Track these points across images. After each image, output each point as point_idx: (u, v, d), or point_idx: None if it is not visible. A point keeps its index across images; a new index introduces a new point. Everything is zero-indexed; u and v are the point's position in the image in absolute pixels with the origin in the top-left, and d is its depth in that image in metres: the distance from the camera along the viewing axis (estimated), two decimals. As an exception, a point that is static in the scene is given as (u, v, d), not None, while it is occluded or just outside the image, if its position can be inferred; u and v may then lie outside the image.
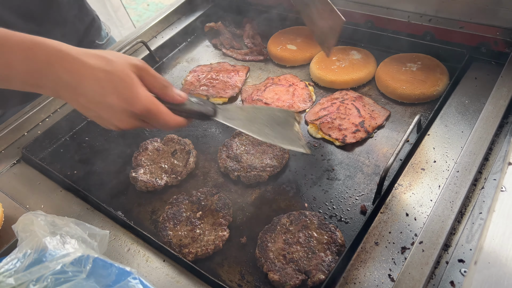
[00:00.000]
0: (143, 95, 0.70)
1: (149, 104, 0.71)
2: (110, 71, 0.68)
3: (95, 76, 0.68)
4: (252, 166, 1.02)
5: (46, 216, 0.70)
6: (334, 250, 0.81)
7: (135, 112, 0.70)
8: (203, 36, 1.57)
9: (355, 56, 1.28)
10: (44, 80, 0.68)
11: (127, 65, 0.71)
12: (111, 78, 0.68)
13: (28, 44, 0.66)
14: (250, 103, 1.21)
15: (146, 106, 0.70)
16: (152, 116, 0.72)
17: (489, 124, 0.93)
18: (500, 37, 1.13)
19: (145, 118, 0.73)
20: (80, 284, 0.60)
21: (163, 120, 0.74)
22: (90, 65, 0.68)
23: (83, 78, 0.67)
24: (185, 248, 0.86)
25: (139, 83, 0.71)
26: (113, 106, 0.69)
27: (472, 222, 0.79)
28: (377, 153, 1.03)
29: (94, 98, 0.69)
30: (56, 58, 0.67)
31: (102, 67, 0.68)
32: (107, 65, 0.69)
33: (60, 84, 0.68)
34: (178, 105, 0.78)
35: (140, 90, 0.71)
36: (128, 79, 0.70)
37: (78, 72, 0.67)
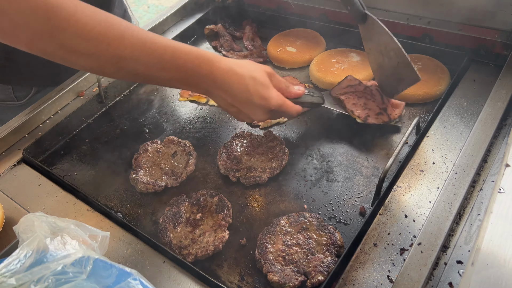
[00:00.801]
0: (275, 95, 0.92)
1: (281, 101, 0.93)
2: (253, 77, 0.88)
3: (244, 82, 0.88)
4: (251, 168, 1.02)
5: (47, 217, 0.70)
6: (333, 251, 0.82)
7: (270, 108, 0.92)
8: (203, 38, 1.58)
9: (354, 58, 1.28)
10: (202, 83, 0.89)
11: (263, 72, 0.91)
12: (255, 83, 0.89)
13: (195, 55, 0.86)
14: None
15: (278, 102, 0.92)
16: (282, 109, 0.94)
17: (487, 126, 0.94)
18: (499, 40, 1.14)
19: (276, 111, 0.94)
20: (81, 284, 0.60)
21: (289, 111, 0.96)
22: (239, 73, 0.88)
23: (234, 83, 0.88)
24: (185, 250, 0.86)
25: (271, 86, 0.92)
26: (255, 104, 0.90)
27: (471, 224, 0.80)
28: (376, 155, 1.03)
29: (242, 98, 0.89)
30: (216, 69, 0.87)
31: (248, 74, 0.88)
32: (251, 73, 0.89)
33: (214, 87, 0.89)
34: (296, 98, 0.99)
35: (274, 91, 0.92)
36: (266, 83, 0.90)
37: (230, 79, 0.88)
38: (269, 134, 1.10)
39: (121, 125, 1.25)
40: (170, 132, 1.20)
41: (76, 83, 1.29)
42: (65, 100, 1.26)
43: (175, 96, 1.33)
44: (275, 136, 1.09)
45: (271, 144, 1.08)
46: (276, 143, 1.08)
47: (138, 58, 0.80)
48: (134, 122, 1.25)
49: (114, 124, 1.26)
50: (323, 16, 1.44)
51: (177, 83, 0.89)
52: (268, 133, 1.10)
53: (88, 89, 1.31)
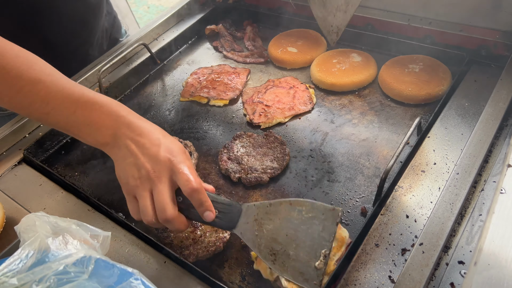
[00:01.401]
0: (185, 158, 0.76)
1: (185, 162, 0.75)
2: (170, 139, 0.79)
3: (158, 136, 0.78)
4: (253, 168, 1.02)
5: (49, 217, 0.70)
6: None
7: (172, 161, 0.74)
8: (204, 38, 1.58)
9: (355, 58, 1.28)
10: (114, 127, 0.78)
11: (179, 143, 0.80)
12: (167, 142, 0.77)
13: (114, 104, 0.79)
14: (251, 105, 1.22)
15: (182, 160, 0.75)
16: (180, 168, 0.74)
17: (488, 127, 0.94)
18: (500, 40, 1.14)
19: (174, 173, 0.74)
20: (83, 284, 0.60)
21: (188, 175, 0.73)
22: (156, 127, 0.80)
23: (148, 131, 0.78)
24: (186, 250, 0.86)
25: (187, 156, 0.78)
26: (159, 155, 0.75)
27: (472, 224, 0.80)
28: (377, 155, 1.03)
29: (147, 145, 0.76)
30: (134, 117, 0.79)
31: (164, 133, 0.80)
32: (167, 134, 0.80)
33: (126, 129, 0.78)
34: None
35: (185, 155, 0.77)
36: (182, 150, 0.78)
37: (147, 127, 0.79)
38: (270, 134, 1.10)
39: (122, 125, 1.25)
40: (171, 132, 1.20)
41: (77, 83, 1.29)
42: (66, 100, 1.26)
43: (176, 96, 1.33)
44: (276, 136, 1.09)
45: (272, 145, 1.08)
46: (277, 143, 1.08)
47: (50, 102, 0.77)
48: (135, 122, 1.25)
49: (115, 124, 1.25)
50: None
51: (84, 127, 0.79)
52: (269, 134, 1.10)
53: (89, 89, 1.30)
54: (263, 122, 1.17)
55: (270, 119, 1.17)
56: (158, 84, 1.39)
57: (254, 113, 1.19)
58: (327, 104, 1.20)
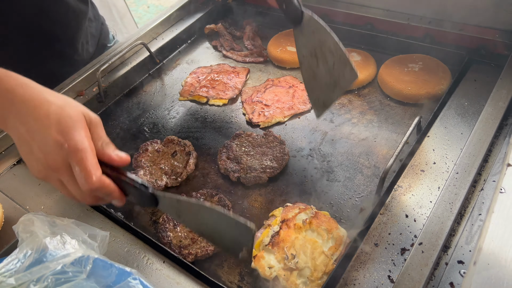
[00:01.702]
0: (80, 135, 0.66)
1: (81, 144, 0.65)
2: (62, 107, 0.67)
3: (47, 108, 0.66)
4: (252, 168, 1.02)
5: (47, 217, 0.70)
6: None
7: (65, 148, 0.65)
8: (203, 38, 1.58)
9: (355, 58, 1.28)
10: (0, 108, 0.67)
11: (82, 111, 0.69)
12: (61, 112, 0.66)
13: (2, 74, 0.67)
14: (250, 105, 1.22)
15: (77, 144, 0.65)
16: (79, 159, 0.65)
17: (488, 126, 0.93)
18: (500, 40, 1.13)
19: (72, 160, 0.65)
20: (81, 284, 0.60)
21: (87, 170, 0.64)
22: (48, 99, 0.67)
23: (35, 107, 0.66)
24: (185, 249, 0.86)
25: (84, 127, 0.68)
26: (47, 137, 0.65)
27: (472, 224, 0.79)
28: (376, 154, 1.03)
29: (34, 127, 0.66)
30: (20, 87, 0.67)
31: (58, 103, 0.67)
32: (63, 103, 0.68)
33: (9, 109, 0.67)
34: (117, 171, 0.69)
35: (81, 131, 0.67)
36: (75, 119, 0.67)
37: (33, 101, 0.67)
38: (269, 134, 1.10)
39: (120, 124, 1.24)
40: (170, 131, 1.20)
41: (76, 82, 1.29)
42: (65, 99, 1.26)
43: (175, 96, 1.32)
44: (275, 136, 1.09)
45: (271, 144, 1.07)
46: (276, 143, 1.07)
47: None
48: (134, 121, 1.25)
49: (114, 123, 1.25)
50: (324, 15, 1.44)
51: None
52: (268, 133, 1.10)
53: (88, 88, 1.30)
54: (262, 122, 1.16)
55: (269, 119, 1.16)
56: (157, 84, 1.39)
57: (253, 112, 1.19)
58: (327, 104, 1.20)
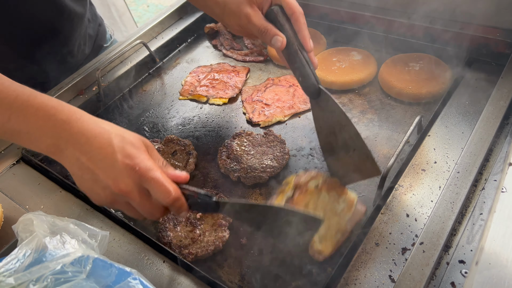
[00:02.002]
0: (146, 157, 0.68)
1: (150, 164, 0.67)
2: (122, 135, 0.69)
3: (108, 136, 0.67)
4: (252, 167, 1.02)
5: (46, 217, 0.69)
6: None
7: (136, 170, 0.66)
8: (203, 37, 1.57)
9: (355, 57, 1.28)
10: (53, 134, 0.68)
11: (138, 137, 0.72)
12: (122, 140, 0.68)
13: (50, 106, 0.68)
14: (250, 104, 1.21)
15: (147, 165, 0.67)
16: (153, 178, 0.67)
17: (489, 125, 0.93)
18: (501, 38, 1.13)
19: (144, 182, 0.67)
20: (80, 284, 0.60)
21: (164, 186, 0.67)
22: (105, 128, 0.69)
23: (95, 137, 0.67)
24: (185, 249, 0.86)
25: (146, 151, 0.70)
26: (117, 162, 0.66)
27: (473, 223, 0.79)
28: (377, 154, 1.03)
29: (99, 155, 0.67)
30: (75, 119, 0.68)
31: (116, 131, 0.69)
32: (121, 131, 0.70)
33: (66, 140, 0.67)
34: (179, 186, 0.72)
35: (145, 154, 0.69)
36: (137, 144, 0.69)
37: (91, 131, 0.67)
38: (269, 133, 1.09)
39: (120, 124, 1.24)
40: (170, 131, 1.20)
41: (76, 81, 1.28)
42: (65, 98, 1.26)
43: (175, 95, 1.32)
44: (275, 135, 1.09)
45: (272, 144, 1.07)
46: (276, 142, 1.07)
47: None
48: (134, 121, 1.25)
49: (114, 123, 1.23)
50: (324, 14, 1.43)
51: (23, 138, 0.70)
52: (268, 133, 1.10)
53: (88, 87, 1.30)
54: (263, 121, 1.16)
55: (270, 118, 1.16)
56: (157, 83, 1.39)
57: (253, 111, 1.19)
58: (327, 103, 1.20)
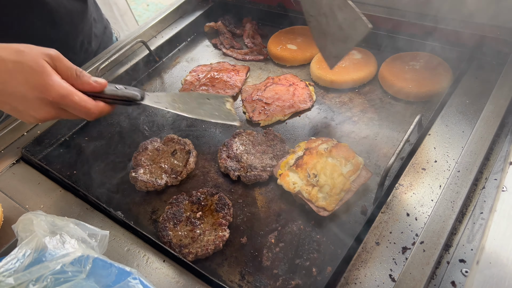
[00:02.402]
0: (55, 82, 0.71)
1: (63, 90, 0.71)
2: (20, 61, 0.69)
3: (5, 67, 0.69)
4: (252, 166, 1.01)
5: (46, 216, 0.69)
6: None
7: (50, 100, 0.71)
8: (203, 36, 1.57)
9: (355, 56, 1.27)
10: None
11: (39, 54, 0.71)
12: (22, 68, 0.69)
13: None
14: (250, 103, 1.21)
15: (59, 92, 0.71)
16: (69, 102, 0.72)
17: (490, 124, 0.93)
18: (501, 37, 1.13)
19: (63, 106, 0.73)
20: (80, 284, 0.59)
21: (82, 106, 0.74)
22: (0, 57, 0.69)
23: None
24: (185, 248, 0.86)
25: (52, 71, 0.72)
26: (26, 95, 0.70)
27: (473, 222, 0.79)
28: (377, 153, 1.03)
29: (6, 89, 0.70)
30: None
31: (12, 58, 0.69)
32: (17, 56, 0.70)
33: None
34: (100, 92, 0.80)
35: (53, 78, 0.71)
36: (39, 68, 0.70)
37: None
38: (269, 132, 1.09)
39: (120, 123, 1.24)
40: (170, 130, 1.20)
41: (75, 81, 1.28)
42: (64, 98, 1.25)
43: (175, 94, 1.32)
44: (275, 134, 1.09)
45: (272, 142, 1.07)
46: (276, 141, 1.07)
47: None
48: (134, 120, 1.25)
49: (114, 122, 1.25)
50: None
51: None
52: (268, 132, 1.09)
53: (88, 87, 1.30)
54: (263, 120, 1.16)
55: (270, 117, 1.16)
56: (156, 82, 1.39)
57: (253, 110, 1.19)
58: (327, 102, 1.20)
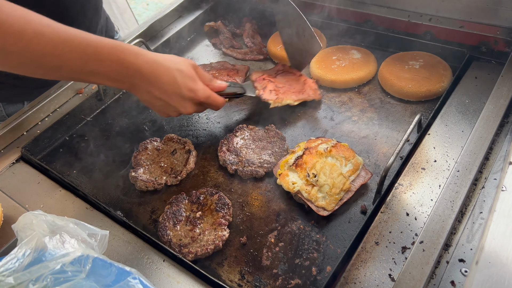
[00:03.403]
0: (202, 87, 0.96)
1: (207, 93, 0.97)
2: (180, 70, 0.91)
3: (171, 74, 0.90)
4: (250, 161, 1.02)
5: (46, 216, 0.69)
6: None
7: (199, 100, 0.95)
8: (202, 35, 1.57)
9: (355, 55, 1.27)
10: (127, 76, 0.87)
11: (189, 65, 0.94)
12: (182, 75, 0.91)
13: (119, 48, 0.84)
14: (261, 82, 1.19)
15: (205, 94, 0.96)
16: (210, 101, 0.98)
17: (489, 124, 0.93)
18: (501, 36, 1.13)
19: (204, 103, 0.98)
20: (80, 284, 0.59)
21: (216, 102, 1.00)
22: (166, 65, 0.90)
23: (161, 75, 0.89)
24: (185, 248, 0.86)
25: (198, 78, 0.96)
26: (184, 96, 0.92)
27: (473, 222, 0.79)
28: (377, 152, 1.03)
29: (170, 90, 0.91)
30: (141, 61, 0.87)
31: (175, 67, 0.91)
32: (177, 65, 0.91)
33: (140, 79, 0.88)
34: (222, 91, 1.05)
35: (200, 84, 0.96)
36: (192, 76, 0.94)
37: (158, 70, 0.88)
38: (271, 129, 1.10)
39: (120, 122, 1.24)
40: (170, 130, 1.20)
41: (75, 80, 1.28)
42: (64, 97, 1.26)
43: (175, 94, 1.32)
44: (277, 131, 1.09)
45: (272, 139, 1.07)
46: (277, 138, 1.07)
47: (61, 54, 0.79)
48: (133, 119, 1.25)
49: (113, 121, 1.25)
50: (324, 12, 1.43)
51: (102, 78, 0.87)
52: (270, 128, 1.10)
53: (87, 86, 1.30)
54: (273, 101, 1.14)
55: (280, 99, 1.15)
56: (156, 81, 1.38)
57: (264, 88, 1.17)
58: (327, 101, 1.20)
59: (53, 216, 0.70)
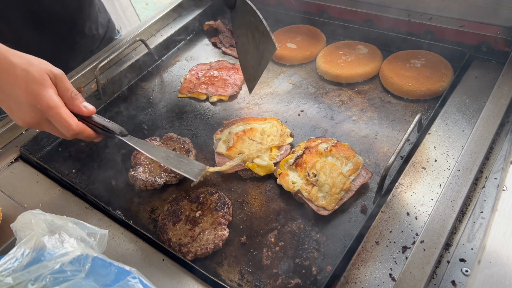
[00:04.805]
0: (48, 94, 0.79)
1: (52, 102, 0.79)
2: (27, 70, 0.78)
3: (14, 71, 0.78)
4: (252, 165, 1.01)
5: (45, 215, 0.69)
6: None
7: (38, 108, 0.78)
8: (202, 34, 1.57)
9: (361, 50, 1.27)
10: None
11: (45, 69, 0.80)
12: (26, 75, 0.78)
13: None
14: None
15: (48, 103, 0.78)
16: (54, 114, 0.79)
17: (490, 123, 0.93)
18: (501, 36, 1.13)
19: (48, 116, 0.80)
20: (79, 283, 0.59)
21: (65, 120, 0.80)
22: (12, 62, 0.78)
23: (3, 71, 0.78)
24: (185, 247, 0.86)
25: (50, 85, 0.80)
26: (20, 98, 0.78)
27: (473, 221, 0.79)
28: (377, 152, 1.02)
29: (7, 89, 0.78)
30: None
31: (22, 65, 0.78)
32: (27, 65, 0.79)
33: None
34: (87, 117, 0.87)
35: (48, 90, 0.79)
36: (40, 79, 0.79)
37: (1, 66, 0.78)
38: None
39: (119, 122, 1.23)
40: (169, 129, 1.19)
41: (74, 79, 1.28)
42: (63, 96, 1.25)
43: (174, 93, 1.31)
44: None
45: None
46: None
47: None
48: (133, 119, 1.24)
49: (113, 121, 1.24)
50: (324, 12, 1.43)
51: None
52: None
53: (87, 85, 1.29)
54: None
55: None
56: (156, 81, 1.38)
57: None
58: (327, 101, 1.20)
59: (52, 215, 0.70)
